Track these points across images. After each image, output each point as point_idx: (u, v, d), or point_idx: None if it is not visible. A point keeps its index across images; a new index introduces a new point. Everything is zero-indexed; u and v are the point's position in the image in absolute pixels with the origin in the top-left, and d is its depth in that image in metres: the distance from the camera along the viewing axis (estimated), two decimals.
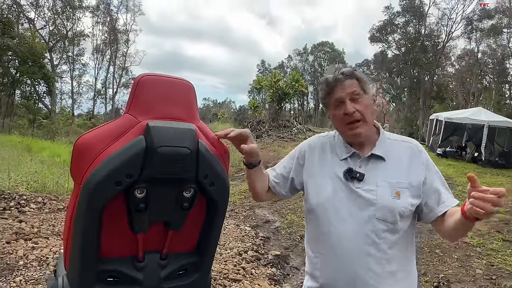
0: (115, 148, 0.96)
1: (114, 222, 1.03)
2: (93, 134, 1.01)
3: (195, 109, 1.11)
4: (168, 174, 0.99)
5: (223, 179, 1.09)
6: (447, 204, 1.23)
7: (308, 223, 1.37)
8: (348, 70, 1.24)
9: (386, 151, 1.27)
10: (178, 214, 1.08)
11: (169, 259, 1.14)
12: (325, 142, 1.39)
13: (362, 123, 1.24)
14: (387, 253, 1.20)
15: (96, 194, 0.94)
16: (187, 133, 1.00)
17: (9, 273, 2.81)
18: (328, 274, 1.25)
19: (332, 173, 1.29)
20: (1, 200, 5.32)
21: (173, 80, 1.08)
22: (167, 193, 1.04)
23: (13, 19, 29.63)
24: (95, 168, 0.95)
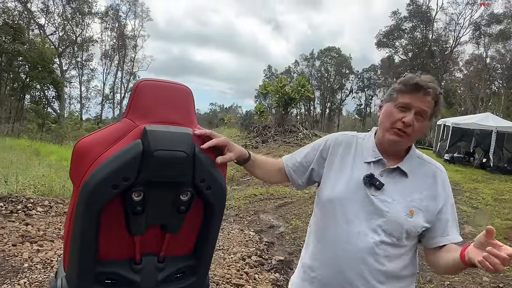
0: (113, 152, 0.98)
1: (111, 225, 1.05)
2: (92, 138, 1.02)
3: (192, 114, 1.13)
4: (165, 178, 1.00)
5: (220, 183, 1.10)
6: (450, 239, 1.21)
7: (315, 216, 1.37)
8: (437, 89, 1.21)
9: (412, 169, 1.26)
10: (175, 217, 1.09)
11: (167, 262, 1.15)
12: (351, 141, 1.37)
13: (407, 137, 1.22)
14: (384, 266, 1.19)
15: (93, 196, 0.95)
16: (184, 137, 1.02)
17: (13, 275, 2.84)
18: (324, 270, 1.26)
19: (352, 173, 1.28)
20: (8, 203, 5.39)
21: (171, 85, 1.09)
22: (164, 197, 1.05)
23: (24, 25, 30.18)
24: (93, 171, 0.96)
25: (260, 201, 7.53)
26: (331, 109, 58.52)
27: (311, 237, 1.37)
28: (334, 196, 1.27)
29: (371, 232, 1.19)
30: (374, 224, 1.19)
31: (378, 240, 1.18)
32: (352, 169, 1.29)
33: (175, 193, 1.05)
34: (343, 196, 1.25)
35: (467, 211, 7.20)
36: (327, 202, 1.28)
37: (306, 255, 1.36)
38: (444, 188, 1.26)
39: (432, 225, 1.22)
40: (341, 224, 1.23)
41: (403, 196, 1.21)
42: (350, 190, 1.24)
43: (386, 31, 40.18)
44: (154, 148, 0.96)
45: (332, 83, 57.27)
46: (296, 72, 59.12)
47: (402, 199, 1.21)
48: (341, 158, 1.34)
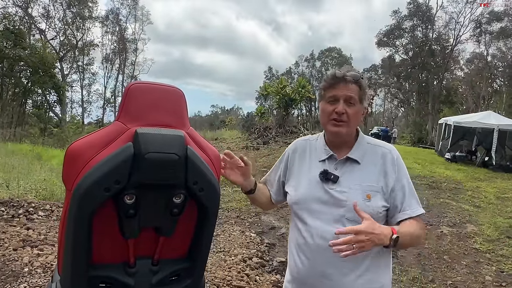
0: (104, 155, 0.97)
1: (104, 228, 1.05)
2: (84, 141, 1.02)
3: (185, 116, 1.12)
4: (157, 180, 1.00)
5: (213, 185, 1.10)
6: (409, 213, 1.27)
7: (291, 220, 1.45)
8: (356, 75, 1.30)
9: (362, 155, 1.33)
10: (169, 220, 1.09)
11: (161, 265, 1.14)
12: (305, 145, 1.47)
13: (346, 125, 1.30)
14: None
15: (85, 199, 0.95)
16: (175, 139, 1.01)
17: (13, 280, 2.84)
18: (301, 269, 1.32)
19: (309, 174, 1.36)
20: (10, 208, 5.40)
21: (163, 88, 1.09)
22: (156, 199, 1.05)
23: (25, 30, 30.30)
24: (85, 175, 0.96)
25: None
26: None
27: (290, 243, 1.43)
28: (298, 198, 1.36)
29: (336, 223, 1.25)
30: (337, 215, 1.26)
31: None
32: (309, 170, 1.38)
33: (168, 196, 1.05)
34: (305, 196, 1.33)
35: (469, 210, 7.17)
36: (293, 205, 1.38)
37: (289, 259, 1.43)
38: (394, 166, 1.31)
39: (391, 204, 1.29)
40: (309, 222, 1.30)
41: (359, 182, 1.28)
42: (311, 189, 1.33)
43: (386, 30, 40.17)
44: (145, 150, 0.96)
45: None
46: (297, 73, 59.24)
47: (358, 186, 1.27)
48: (298, 163, 1.44)
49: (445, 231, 5.77)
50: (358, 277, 1.26)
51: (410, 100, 43.30)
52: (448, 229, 5.91)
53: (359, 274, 1.26)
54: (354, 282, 1.25)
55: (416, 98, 41.10)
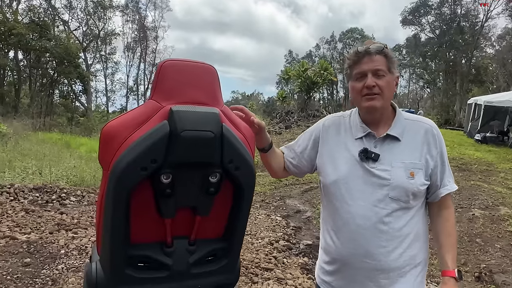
0: (140, 134, 0.96)
1: (142, 208, 1.04)
2: (119, 121, 1.01)
3: (218, 93, 1.09)
4: (193, 159, 0.98)
5: (248, 164, 1.07)
6: (449, 188, 1.29)
7: (324, 201, 1.41)
8: (379, 46, 1.26)
9: (402, 132, 1.29)
10: (205, 199, 1.07)
11: (197, 245, 1.14)
12: (339, 121, 1.41)
13: (380, 97, 1.25)
14: (399, 231, 1.23)
15: (122, 180, 0.94)
16: (210, 117, 0.99)
17: (52, 261, 2.96)
18: (342, 250, 1.29)
19: (346, 152, 1.31)
20: (44, 194, 5.63)
21: (195, 65, 1.06)
22: (192, 178, 1.03)
23: (49, 22, 30.99)
24: (121, 154, 0.95)
25: (286, 187, 7.52)
26: None
27: (324, 223, 1.40)
28: (336, 178, 1.30)
29: (379, 202, 1.22)
30: (380, 195, 1.22)
31: (387, 208, 1.22)
32: (346, 148, 1.33)
33: (204, 175, 1.03)
34: (345, 175, 1.29)
35: (502, 192, 6.90)
36: (331, 186, 1.32)
37: (323, 241, 1.40)
38: (436, 141, 1.28)
39: (433, 180, 1.27)
40: (349, 203, 1.26)
41: (401, 160, 1.24)
42: (350, 168, 1.28)
43: (412, 7, 38.54)
44: (180, 128, 0.94)
45: None
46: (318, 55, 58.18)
47: (400, 163, 1.24)
48: (333, 141, 1.38)
49: (477, 214, 5.59)
50: (400, 255, 1.24)
51: (437, 81, 41.77)
52: (480, 211, 5.72)
53: (401, 251, 1.24)
54: (397, 260, 1.23)
55: (443, 78, 39.61)
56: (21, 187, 5.58)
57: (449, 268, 1.24)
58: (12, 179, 6.34)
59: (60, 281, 2.69)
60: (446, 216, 1.31)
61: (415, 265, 1.27)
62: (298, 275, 3.38)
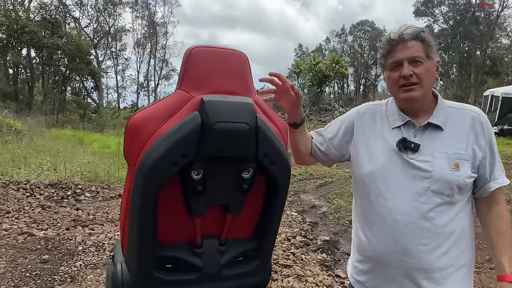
0: (169, 127, 0.89)
1: (170, 206, 0.97)
2: (145, 113, 0.94)
3: (250, 82, 1.02)
4: (226, 153, 0.90)
5: (284, 158, 0.99)
6: (499, 182, 1.18)
7: (357, 194, 1.32)
8: (414, 31, 1.15)
9: (444, 120, 1.18)
10: (237, 197, 1.00)
11: (228, 245, 1.07)
12: (375, 109, 1.31)
13: (418, 87, 1.15)
14: (443, 227, 1.13)
15: (151, 176, 0.88)
16: (244, 108, 0.91)
17: (69, 258, 2.95)
18: (377, 247, 1.20)
19: (383, 142, 1.22)
20: (59, 190, 5.65)
21: (225, 51, 0.98)
22: (225, 174, 0.96)
23: (60, 19, 31.25)
24: (149, 149, 0.88)
25: (300, 181, 7.43)
26: (365, 85, 56.64)
27: (357, 218, 1.31)
28: (372, 170, 1.21)
29: (420, 196, 1.13)
30: (421, 188, 1.13)
31: (429, 202, 1.12)
32: (383, 138, 1.23)
33: (237, 170, 0.96)
34: (381, 167, 1.19)
35: None
36: (366, 178, 1.23)
37: (356, 238, 1.31)
38: (484, 130, 1.18)
39: (481, 172, 1.17)
40: (386, 196, 1.17)
41: (444, 150, 1.14)
42: (387, 159, 1.19)
43: None
44: (213, 120, 0.86)
45: (366, 59, 55.29)
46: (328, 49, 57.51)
47: (443, 154, 1.14)
48: (368, 129, 1.29)
49: None
50: (444, 254, 1.14)
51: (450, 73, 40.99)
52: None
53: (445, 250, 1.14)
54: (439, 259, 1.13)
55: (457, 70, 38.84)
56: (37, 183, 5.61)
57: (506, 272, 1.12)
58: (28, 175, 6.39)
59: (78, 278, 2.66)
60: (498, 213, 1.19)
61: (460, 266, 1.17)
62: (318, 272, 3.30)
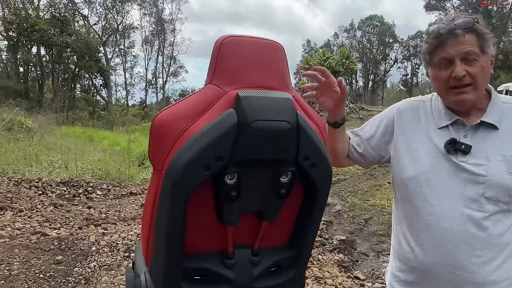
0: (200, 126, 0.79)
1: (200, 214, 0.88)
2: (173, 110, 0.85)
3: (287, 75, 0.92)
4: (264, 155, 0.81)
5: (326, 160, 0.89)
6: None
7: (398, 199, 1.19)
8: (467, 22, 0.99)
9: (499, 118, 1.05)
10: (274, 203, 0.91)
11: (262, 255, 0.98)
12: (418, 106, 1.18)
13: (472, 88, 1.01)
14: (497, 238, 1.02)
15: (181, 181, 0.78)
16: (284, 104, 0.81)
17: (83, 258, 2.89)
18: (423, 257, 1.08)
19: (428, 143, 1.09)
20: (71, 188, 5.63)
21: (260, 41, 0.89)
22: (261, 179, 0.87)
23: (69, 17, 31.41)
24: (179, 151, 0.79)
25: None
26: (374, 81, 56.08)
27: (399, 224, 1.19)
28: (415, 173, 1.09)
29: (472, 203, 1.02)
30: (473, 194, 1.02)
31: (483, 210, 1.01)
32: (428, 138, 1.11)
33: (275, 174, 0.86)
34: (426, 170, 1.07)
35: None
36: (409, 181, 1.10)
37: (398, 245, 1.19)
38: None
39: None
40: (433, 202, 1.05)
41: (500, 152, 1.02)
42: (433, 162, 1.07)
43: None
44: (251, 118, 0.77)
45: (375, 54, 54.74)
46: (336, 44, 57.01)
47: (499, 156, 1.02)
48: (410, 129, 1.16)
49: None
50: (499, 267, 1.02)
51: None
52: None
53: (500, 263, 1.02)
54: (493, 272, 1.02)
55: None
56: (48, 181, 5.59)
57: None
58: (40, 173, 6.38)
59: (93, 280, 2.60)
60: None
61: None
62: (336, 274, 3.21)
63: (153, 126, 0.86)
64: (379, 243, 4.36)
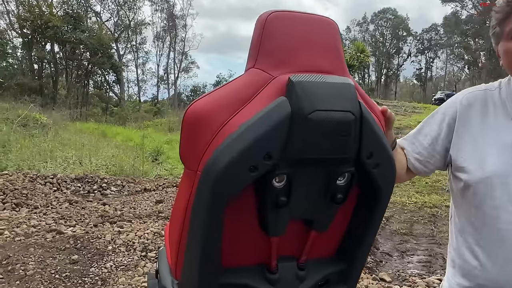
0: (245, 117, 0.66)
1: (239, 221, 0.75)
2: (210, 99, 0.71)
3: (343, 58, 0.77)
4: (322, 153, 0.67)
5: (391, 158, 0.75)
6: None
7: (461, 204, 1.02)
8: None
9: None
10: (327, 210, 0.77)
11: (308, 268, 0.84)
12: (483, 97, 1.01)
13: None
14: None
15: (222, 184, 0.65)
16: (347, 91, 0.67)
17: (99, 258, 2.81)
18: (495, 275, 0.93)
19: (500, 137, 0.94)
20: (85, 184, 5.59)
21: (312, 17, 0.74)
22: (314, 181, 0.73)
23: (82, 14, 31.65)
24: (219, 148, 0.65)
25: None
26: (387, 75, 55.22)
27: (461, 233, 1.03)
28: (487, 174, 0.92)
29: None
30: None
31: None
32: (499, 132, 0.95)
33: (330, 175, 0.72)
34: (501, 170, 0.91)
35: None
36: (478, 185, 0.94)
37: (460, 259, 1.03)
38: None
39: None
40: (510, 209, 0.89)
41: None
42: (509, 161, 0.90)
43: None
44: (309, 108, 0.63)
45: (388, 48, 53.89)
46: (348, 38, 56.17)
47: None
48: (476, 123, 0.99)
49: None
50: None
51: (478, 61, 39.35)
52: None
53: None
54: None
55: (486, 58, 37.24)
56: (63, 177, 5.56)
57: None
58: (54, 169, 6.37)
59: (110, 281, 2.51)
60: None
61: None
62: (361, 275, 3.06)
63: (186, 119, 0.72)
64: (402, 243, 4.20)
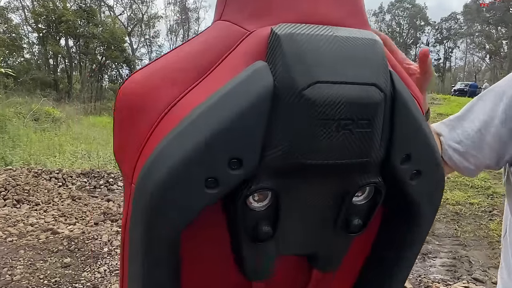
0: (202, 97, 0.39)
1: (204, 260, 0.49)
2: (152, 70, 0.45)
3: (363, 6, 0.50)
4: (330, 156, 0.40)
5: (437, 164, 0.47)
6: None
7: None
8: None
9: None
10: (338, 241, 0.50)
11: None
12: None
13: None
14: None
15: (162, 209, 0.39)
16: (370, 52, 0.40)
17: (93, 261, 2.61)
18: None
19: None
20: (92, 179, 5.46)
21: None
22: (318, 199, 0.46)
23: (95, 8, 31.85)
24: (158, 148, 0.39)
25: None
26: None
27: None
28: None
29: None
30: None
31: None
32: None
33: (343, 191, 0.45)
34: None
35: None
36: None
37: None
38: None
39: None
40: None
41: None
42: None
43: None
44: (305, 79, 0.36)
45: (405, 38, 52.62)
46: None
47: None
48: None
49: None
50: None
51: (500, 50, 37.96)
52: None
53: None
54: None
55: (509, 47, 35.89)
56: (69, 172, 5.44)
57: None
58: (62, 163, 6.28)
59: (101, 287, 2.32)
60: None
61: None
62: None
63: (118, 100, 0.46)
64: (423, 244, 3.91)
